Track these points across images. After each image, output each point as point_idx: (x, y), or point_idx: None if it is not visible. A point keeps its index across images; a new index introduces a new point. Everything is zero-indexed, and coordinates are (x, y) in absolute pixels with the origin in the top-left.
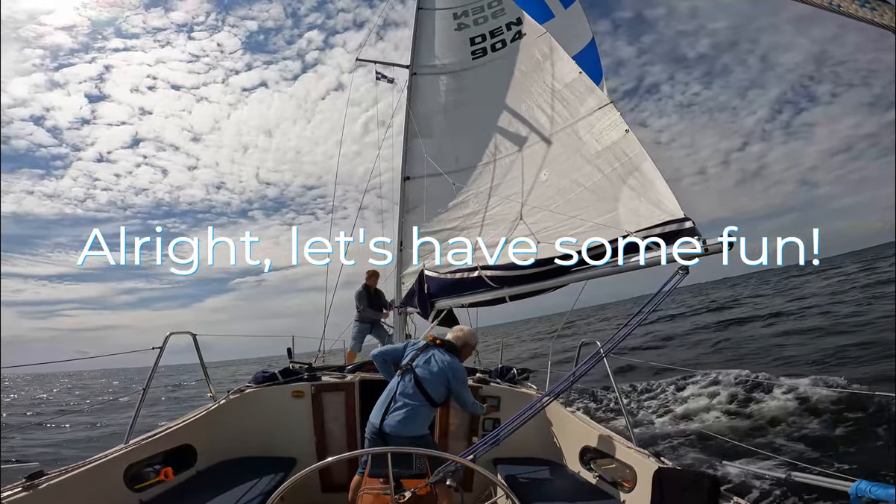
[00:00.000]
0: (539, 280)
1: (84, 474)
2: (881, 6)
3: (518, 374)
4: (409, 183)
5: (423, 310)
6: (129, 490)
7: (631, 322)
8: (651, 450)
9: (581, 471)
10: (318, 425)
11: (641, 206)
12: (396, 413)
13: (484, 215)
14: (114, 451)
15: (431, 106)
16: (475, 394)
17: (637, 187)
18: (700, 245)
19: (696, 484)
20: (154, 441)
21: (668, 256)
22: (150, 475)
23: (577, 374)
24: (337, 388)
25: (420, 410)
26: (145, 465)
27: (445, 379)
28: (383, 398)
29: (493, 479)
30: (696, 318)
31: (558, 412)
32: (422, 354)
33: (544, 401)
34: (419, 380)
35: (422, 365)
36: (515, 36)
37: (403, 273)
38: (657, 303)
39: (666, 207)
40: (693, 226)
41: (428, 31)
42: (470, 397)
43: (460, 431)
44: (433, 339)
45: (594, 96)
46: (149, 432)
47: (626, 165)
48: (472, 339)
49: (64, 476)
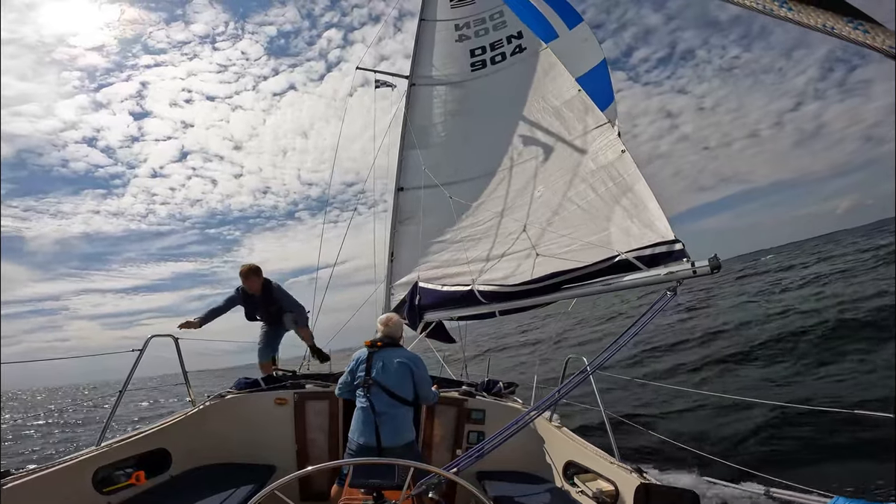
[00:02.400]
0: (530, 297)
1: (51, 475)
2: (874, 28)
3: (504, 387)
4: (403, 194)
5: (411, 321)
6: (98, 493)
7: (619, 340)
8: (633, 465)
9: (564, 485)
10: (300, 433)
11: (633, 226)
12: (386, 429)
13: (477, 229)
14: (84, 453)
15: (429, 117)
16: (460, 407)
17: (630, 208)
18: (689, 266)
19: (676, 500)
20: (127, 444)
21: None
22: (120, 478)
23: (562, 391)
24: (320, 396)
25: (403, 416)
26: (116, 468)
27: (409, 372)
28: (364, 419)
29: (476, 493)
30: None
31: (543, 427)
32: (373, 364)
33: (529, 417)
34: (385, 388)
35: (381, 372)
36: (516, 49)
37: (395, 284)
38: (645, 322)
39: (657, 229)
40: (682, 248)
41: (429, 42)
42: (429, 388)
43: (445, 443)
44: (371, 344)
45: (592, 115)
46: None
47: (620, 185)
48: (397, 319)
49: (30, 477)
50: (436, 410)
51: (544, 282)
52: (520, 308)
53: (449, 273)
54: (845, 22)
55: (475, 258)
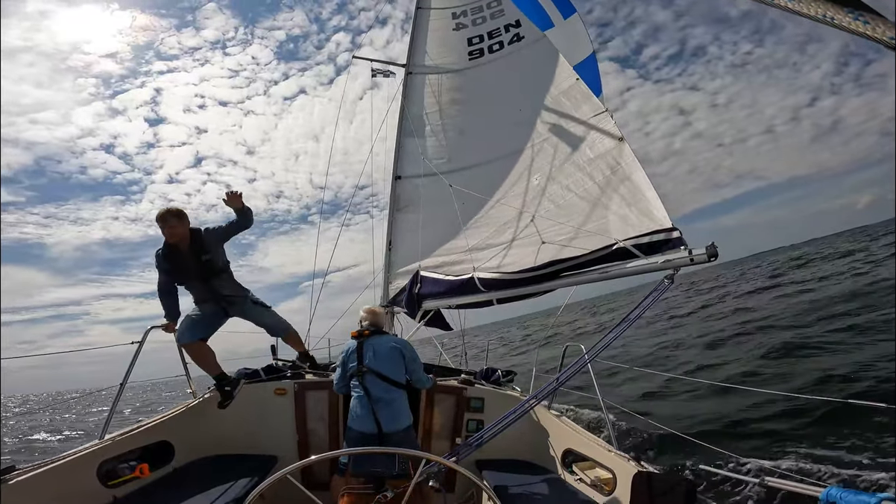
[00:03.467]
0: (528, 284)
1: (56, 470)
2: (874, 19)
3: (503, 375)
4: (401, 182)
5: (410, 309)
6: (103, 486)
7: (616, 328)
8: (631, 453)
9: (563, 473)
10: (300, 423)
11: (631, 214)
12: (384, 414)
13: (475, 217)
14: (88, 447)
15: (426, 106)
16: (460, 395)
17: (627, 196)
18: (686, 254)
19: (673, 488)
20: (130, 437)
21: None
22: (125, 471)
23: (561, 379)
24: (320, 385)
25: (399, 400)
26: (120, 461)
27: (400, 356)
28: (361, 407)
29: (477, 481)
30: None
31: (542, 415)
32: (364, 352)
33: (528, 405)
34: (379, 374)
35: (372, 360)
36: (514, 38)
37: (396, 272)
38: (643, 310)
39: (655, 217)
40: (680, 235)
41: (426, 30)
42: (422, 372)
43: (444, 432)
44: (358, 334)
45: (590, 104)
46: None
47: (617, 174)
48: (379, 309)
49: (36, 471)
50: (435, 399)
51: (542, 270)
52: (518, 296)
53: (448, 261)
54: (845, 12)
55: (474, 246)
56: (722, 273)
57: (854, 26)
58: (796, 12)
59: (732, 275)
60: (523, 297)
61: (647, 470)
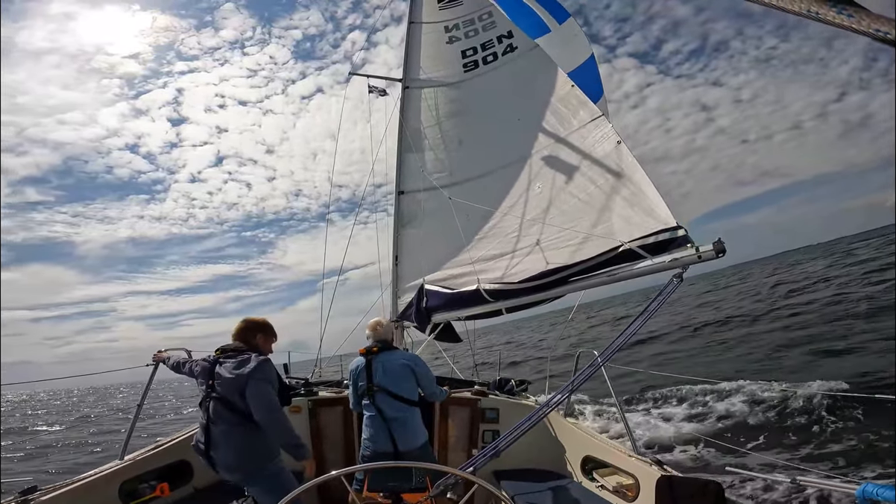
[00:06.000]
0: (535, 292)
1: (78, 490)
2: (858, 12)
3: (517, 385)
4: (404, 197)
5: (420, 323)
6: None
7: (628, 330)
8: (653, 458)
9: (583, 481)
10: (315, 440)
11: (635, 215)
12: (399, 434)
13: (479, 228)
14: (109, 467)
15: (424, 119)
16: (474, 406)
17: (629, 197)
18: (694, 252)
19: (700, 491)
20: (150, 457)
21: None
22: (145, 491)
23: (574, 384)
24: (334, 402)
25: (412, 417)
26: (140, 480)
27: (410, 373)
28: (376, 426)
29: (495, 492)
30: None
31: (558, 422)
32: (373, 369)
33: (543, 411)
34: (390, 392)
35: (382, 377)
36: (507, 49)
37: (404, 287)
38: (653, 311)
39: (658, 216)
40: (686, 234)
41: (419, 44)
42: (435, 385)
43: (460, 444)
44: (367, 351)
45: (586, 109)
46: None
47: (618, 175)
48: (385, 322)
49: (58, 491)
50: (449, 411)
51: (549, 277)
52: (526, 304)
53: (454, 274)
54: (829, 7)
55: (479, 258)
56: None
57: (839, 20)
58: (782, 9)
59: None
60: (531, 305)
61: (671, 474)
